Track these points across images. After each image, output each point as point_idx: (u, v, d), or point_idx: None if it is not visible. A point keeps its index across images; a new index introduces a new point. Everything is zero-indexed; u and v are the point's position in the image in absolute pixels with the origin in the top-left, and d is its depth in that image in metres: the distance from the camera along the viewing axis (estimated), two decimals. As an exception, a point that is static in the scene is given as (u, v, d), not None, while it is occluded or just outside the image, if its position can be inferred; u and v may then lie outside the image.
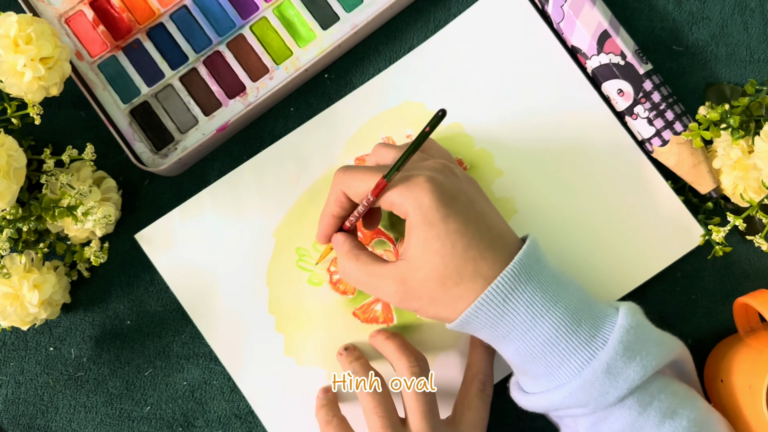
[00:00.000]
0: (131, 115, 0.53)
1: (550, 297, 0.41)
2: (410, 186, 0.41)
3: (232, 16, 0.53)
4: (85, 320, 0.53)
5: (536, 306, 0.41)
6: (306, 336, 0.52)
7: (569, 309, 0.41)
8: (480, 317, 0.41)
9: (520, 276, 0.40)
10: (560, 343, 0.41)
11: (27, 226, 0.48)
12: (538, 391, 0.43)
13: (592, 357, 0.41)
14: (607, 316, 0.42)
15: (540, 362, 0.42)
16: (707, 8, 0.54)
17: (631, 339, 0.41)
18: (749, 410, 0.46)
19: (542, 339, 0.41)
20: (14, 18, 0.46)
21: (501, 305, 0.40)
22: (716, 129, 0.49)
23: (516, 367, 0.45)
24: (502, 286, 0.40)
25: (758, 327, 0.51)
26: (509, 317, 0.41)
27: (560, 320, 0.41)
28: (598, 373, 0.40)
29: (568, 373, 0.41)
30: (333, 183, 0.44)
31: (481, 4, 0.53)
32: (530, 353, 0.42)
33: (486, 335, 0.43)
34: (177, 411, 0.53)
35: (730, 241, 0.53)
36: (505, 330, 0.41)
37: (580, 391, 0.41)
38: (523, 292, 0.40)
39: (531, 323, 0.41)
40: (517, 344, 0.42)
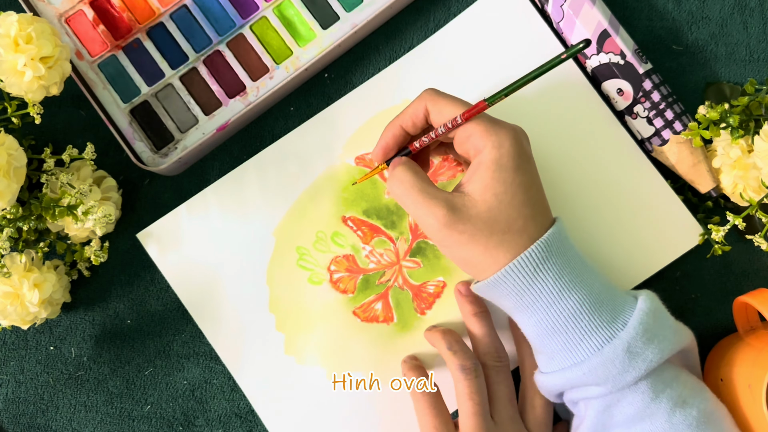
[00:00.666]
0: (131, 115, 0.53)
1: (576, 275, 0.42)
2: (496, 127, 0.42)
3: (232, 15, 0.53)
4: (85, 319, 0.53)
5: (564, 280, 0.42)
6: (306, 335, 0.52)
7: (593, 289, 0.42)
8: (509, 282, 0.42)
9: (552, 248, 0.42)
10: (582, 320, 0.42)
11: (27, 226, 0.48)
12: (554, 369, 0.43)
13: (613, 336, 0.41)
14: (627, 302, 0.43)
15: (560, 337, 0.42)
16: (707, 8, 0.54)
17: (651, 322, 0.42)
18: (749, 409, 0.46)
19: (566, 314, 0.42)
20: (14, 17, 0.46)
21: (532, 273, 0.41)
22: (716, 128, 0.49)
23: (534, 344, 0.45)
24: (537, 254, 0.41)
25: (758, 326, 0.51)
26: (537, 287, 0.42)
27: (585, 298, 0.42)
28: (619, 351, 0.41)
29: (588, 350, 0.42)
30: (418, 98, 0.44)
31: (481, 3, 0.53)
32: (551, 327, 0.42)
33: (510, 302, 0.43)
34: (177, 410, 0.53)
35: (729, 240, 0.53)
36: (531, 299, 0.42)
37: (600, 368, 0.41)
38: (554, 264, 0.42)
39: (558, 296, 0.42)
40: (540, 316, 0.42)
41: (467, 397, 0.45)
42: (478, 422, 0.45)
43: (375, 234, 0.52)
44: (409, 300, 0.52)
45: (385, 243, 0.52)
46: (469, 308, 0.49)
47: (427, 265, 0.52)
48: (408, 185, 0.43)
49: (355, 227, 0.53)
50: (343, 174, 0.53)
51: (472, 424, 0.45)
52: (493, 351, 0.47)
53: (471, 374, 0.45)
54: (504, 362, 0.47)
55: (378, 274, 0.52)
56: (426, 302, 0.52)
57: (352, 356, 0.51)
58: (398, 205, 0.52)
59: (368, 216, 0.53)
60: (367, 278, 0.52)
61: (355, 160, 0.53)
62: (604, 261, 0.51)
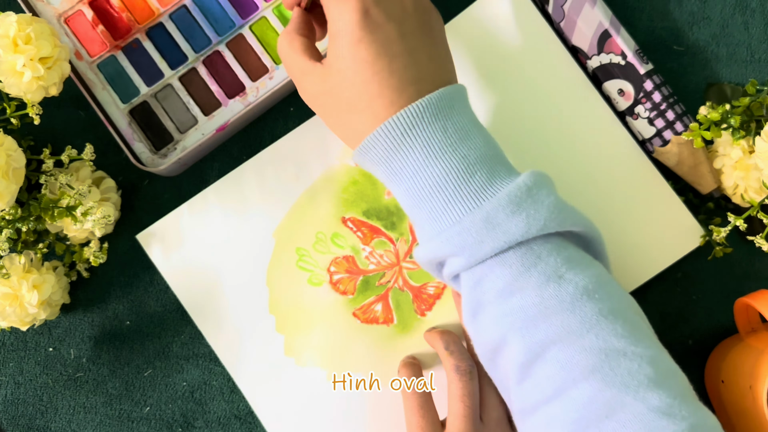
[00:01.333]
0: (130, 115, 0.53)
1: (450, 143, 0.40)
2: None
3: (232, 15, 0.53)
4: (84, 321, 0.53)
5: (432, 148, 0.40)
6: (306, 336, 0.52)
7: (467, 158, 0.40)
8: (376, 147, 0.41)
9: (423, 115, 0.40)
10: (447, 189, 0.40)
11: (26, 227, 0.48)
12: (423, 240, 0.42)
13: (476, 206, 0.39)
14: (508, 175, 0.41)
15: (425, 206, 0.40)
16: (708, 8, 0.54)
17: (522, 196, 0.39)
18: (750, 411, 0.46)
19: (431, 182, 0.40)
20: (13, 18, 0.46)
21: (398, 139, 0.40)
22: (717, 129, 0.49)
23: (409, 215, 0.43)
24: (401, 120, 0.40)
25: (759, 327, 0.51)
26: (404, 153, 0.40)
27: (453, 166, 0.40)
28: (477, 220, 0.39)
29: (450, 219, 0.40)
30: None
31: (481, 3, 0.53)
32: (418, 196, 0.41)
33: (381, 171, 0.42)
34: (177, 411, 0.52)
35: (730, 241, 0.53)
36: (398, 166, 0.41)
37: (456, 237, 0.39)
38: (424, 130, 0.40)
39: (423, 163, 0.40)
40: (408, 184, 0.41)
41: (459, 399, 0.45)
42: (467, 425, 0.44)
43: (375, 235, 0.52)
44: (409, 301, 0.52)
45: (385, 244, 0.52)
46: None
47: (428, 266, 0.52)
48: (283, 57, 0.44)
49: (355, 228, 0.52)
50: (343, 175, 0.53)
51: (460, 425, 0.45)
52: None
53: (466, 376, 0.45)
54: None
55: (378, 276, 0.52)
56: (426, 303, 0.52)
57: (352, 357, 0.51)
58: (398, 206, 0.52)
59: (368, 217, 0.52)
60: (367, 279, 0.52)
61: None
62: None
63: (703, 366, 0.52)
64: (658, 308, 0.52)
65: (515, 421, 0.42)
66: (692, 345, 0.52)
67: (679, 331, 0.52)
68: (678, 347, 0.52)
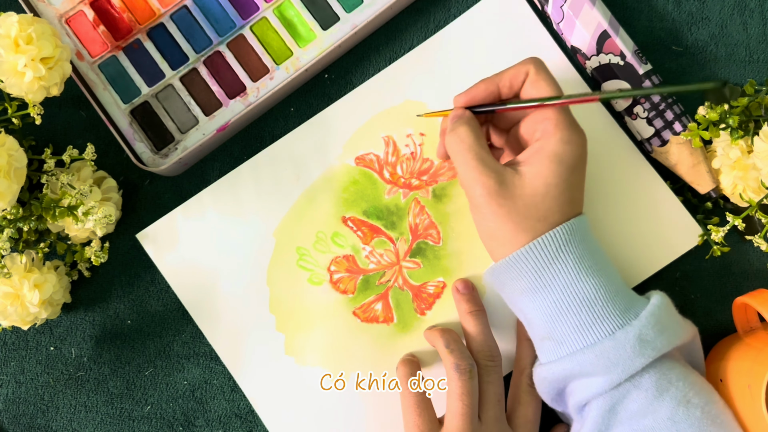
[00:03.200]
0: (132, 115, 0.53)
1: (596, 262, 0.43)
2: (573, 124, 0.43)
3: (233, 16, 0.54)
4: (85, 320, 0.53)
5: (584, 265, 0.43)
6: (306, 335, 0.52)
7: (610, 279, 0.43)
8: (531, 258, 0.42)
9: (575, 235, 0.43)
10: (597, 305, 0.42)
11: (28, 226, 0.48)
12: (563, 354, 0.43)
13: (626, 323, 0.42)
14: (640, 300, 0.44)
15: (573, 319, 0.43)
16: (706, 8, 0.55)
17: (662, 315, 0.43)
18: (748, 410, 0.46)
19: (582, 296, 0.42)
20: (15, 18, 0.46)
21: (553, 253, 0.42)
22: (715, 129, 0.49)
23: (540, 333, 0.45)
24: (558, 237, 0.42)
25: (757, 327, 0.51)
26: (557, 266, 0.43)
27: (602, 284, 0.43)
28: (630, 337, 0.42)
29: (600, 333, 0.42)
30: (523, 62, 0.45)
31: (481, 6, 0.53)
32: (566, 308, 0.43)
33: (527, 281, 0.43)
34: (177, 410, 0.53)
35: (729, 240, 0.53)
36: (550, 277, 0.43)
37: (611, 351, 0.42)
38: (576, 249, 0.43)
39: (575, 278, 0.42)
40: (557, 296, 0.43)
41: (457, 397, 0.45)
42: (465, 423, 0.45)
43: (375, 234, 0.53)
44: (409, 300, 0.52)
45: (385, 243, 0.52)
46: (465, 306, 0.49)
47: (427, 266, 0.52)
48: (466, 146, 0.44)
49: (355, 227, 0.53)
50: (343, 174, 0.53)
51: (458, 423, 0.45)
52: (487, 350, 0.48)
53: (465, 374, 0.46)
54: (497, 362, 0.48)
55: (378, 275, 0.52)
56: (426, 303, 0.52)
57: (352, 356, 0.52)
58: (398, 205, 0.52)
59: (368, 216, 0.53)
60: (367, 279, 0.52)
61: (355, 160, 0.53)
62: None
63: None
64: (657, 307, 0.53)
65: None
66: (691, 344, 0.53)
67: (677, 330, 0.53)
68: (677, 346, 0.52)
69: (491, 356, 0.47)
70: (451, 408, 0.45)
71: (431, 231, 0.52)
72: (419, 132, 0.53)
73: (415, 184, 0.53)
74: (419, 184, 0.53)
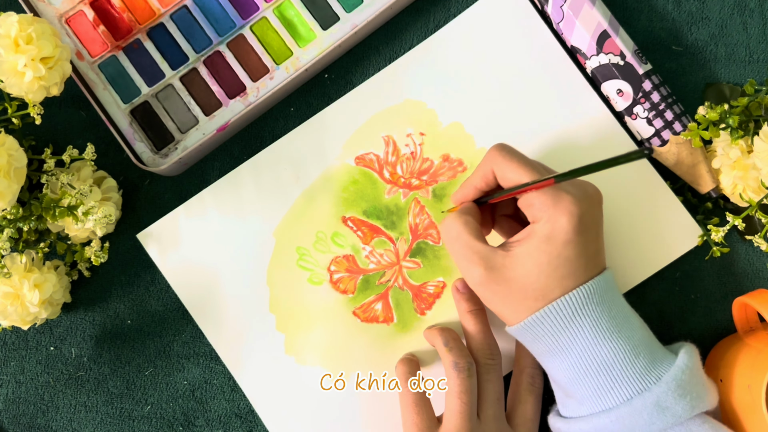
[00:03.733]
0: (131, 115, 0.53)
1: (615, 324, 0.42)
2: (556, 200, 0.42)
3: (233, 16, 0.54)
4: (85, 320, 0.53)
5: (601, 327, 0.42)
6: (306, 335, 0.52)
7: (631, 340, 0.42)
8: (546, 324, 0.42)
9: (593, 296, 0.42)
10: (615, 368, 0.42)
11: (27, 226, 0.48)
12: (582, 414, 0.43)
13: (645, 389, 0.42)
14: (666, 357, 0.43)
15: (591, 382, 0.42)
16: (706, 8, 0.55)
17: (685, 379, 0.42)
18: (748, 410, 0.46)
19: (600, 359, 0.42)
20: (15, 18, 0.46)
21: (569, 317, 0.42)
22: (715, 129, 0.49)
23: (563, 388, 0.45)
24: (573, 301, 0.42)
25: (757, 327, 0.51)
26: (573, 330, 0.42)
27: (620, 347, 0.42)
28: (648, 404, 0.41)
29: (618, 398, 0.42)
30: (485, 158, 0.45)
31: (481, 4, 0.53)
32: (584, 371, 0.42)
33: (544, 344, 0.43)
34: (177, 410, 0.53)
35: (729, 240, 0.53)
36: (566, 342, 0.42)
37: (627, 418, 0.41)
38: (593, 311, 0.42)
39: (593, 341, 0.42)
40: (574, 359, 0.43)
41: (456, 396, 0.45)
42: (463, 421, 0.45)
43: (375, 234, 0.53)
44: (409, 300, 0.52)
45: (385, 243, 0.52)
46: (465, 305, 0.49)
47: (427, 266, 0.52)
48: (453, 236, 0.44)
49: (355, 227, 0.53)
50: (343, 174, 0.53)
51: (456, 422, 0.45)
52: (486, 348, 0.48)
53: (464, 372, 0.46)
54: (496, 360, 0.48)
55: (378, 275, 0.52)
56: (426, 302, 0.52)
57: (352, 356, 0.52)
58: (398, 205, 0.52)
59: (368, 216, 0.53)
60: (367, 278, 0.52)
61: (355, 160, 0.53)
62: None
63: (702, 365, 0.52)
64: (657, 307, 0.52)
65: None
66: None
67: (677, 330, 0.53)
68: (677, 346, 0.52)
69: (491, 355, 0.47)
70: (450, 406, 0.45)
71: (431, 231, 0.52)
72: (419, 131, 0.53)
73: (415, 184, 0.53)
74: (419, 183, 0.53)
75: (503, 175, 0.44)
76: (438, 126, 0.53)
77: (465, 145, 0.53)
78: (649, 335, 0.44)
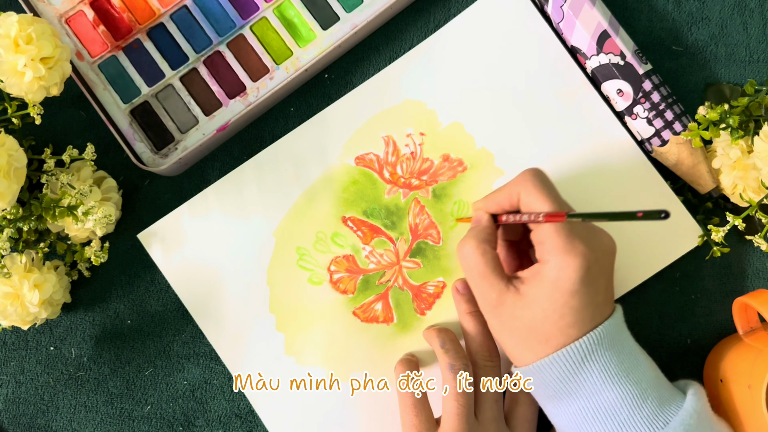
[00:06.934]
0: (131, 115, 0.53)
1: (624, 368, 0.42)
2: (568, 246, 0.41)
3: (233, 16, 0.54)
4: (85, 320, 0.53)
5: (610, 372, 0.42)
6: (306, 335, 0.52)
7: (640, 383, 0.42)
8: (554, 369, 0.42)
9: (602, 342, 0.42)
10: (623, 413, 0.42)
11: (27, 226, 0.48)
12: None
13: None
14: (674, 398, 0.43)
15: (597, 427, 0.42)
16: (707, 8, 0.55)
17: (694, 424, 0.41)
18: (749, 410, 0.46)
19: (608, 404, 0.42)
20: (15, 18, 0.46)
21: (578, 363, 0.42)
22: (716, 129, 0.49)
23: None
24: (583, 347, 0.41)
25: (758, 327, 0.51)
26: (582, 376, 0.42)
27: (628, 392, 0.42)
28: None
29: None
30: (517, 180, 0.44)
31: (482, 3, 0.53)
32: (591, 416, 0.42)
33: (552, 389, 0.43)
34: (177, 410, 0.53)
35: (729, 240, 0.53)
36: (574, 387, 0.42)
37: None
38: (602, 356, 0.42)
39: (601, 387, 0.42)
40: (582, 403, 0.42)
41: (453, 398, 0.45)
42: (460, 423, 0.45)
43: (375, 234, 0.53)
44: (409, 300, 0.52)
45: (385, 243, 0.52)
46: (464, 306, 0.49)
47: (427, 266, 0.52)
48: (471, 264, 0.44)
49: (355, 227, 0.53)
50: (343, 174, 0.53)
51: (454, 424, 0.45)
52: (485, 350, 0.48)
53: (460, 375, 0.46)
54: (495, 362, 0.48)
55: (378, 275, 0.52)
56: (426, 303, 0.52)
57: (352, 356, 0.52)
58: (398, 205, 0.52)
59: (368, 216, 0.53)
60: (367, 278, 0.52)
61: (355, 160, 0.53)
62: (604, 261, 0.51)
63: (702, 365, 0.52)
64: (657, 308, 0.52)
65: None
66: (691, 344, 0.52)
67: (677, 330, 0.53)
68: (677, 347, 0.52)
69: (490, 357, 0.47)
70: (447, 408, 0.45)
71: (431, 231, 0.52)
72: (419, 132, 0.53)
73: (415, 184, 0.53)
74: (419, 183, 0.53)
75: (527, 202, 0.43)
76: (438, 126, 0.53)
77: (465, 145, 0.53)
78: (657, 375, 0.44)
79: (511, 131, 0.53)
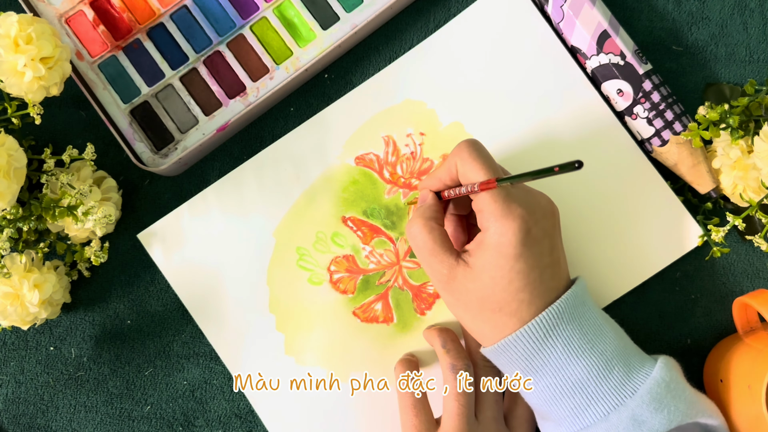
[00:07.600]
0: (131, 115, 0.53)
1: (588, 340, 0.42)
2: (505, 211, 0.41)
3: (233, 16, 0.53)
4: (85, 320, 0.53)
5: (573, 346, 0.42)
6: (306, 335, 0.52)
7: (605, 354, 0.42)
8: (517, 347, 0.42)
9: (563, 316, 0.42)
10: (590, 386, 0.41)
11: (27, 226, 0.48)
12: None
13: (620, 403, 0.41)
14: (642, 367, 0.43)
15: (567, 402, 0.42)
16: (707, 8, 0.54)
17: (662, 392, 0.41)
18: (748, 410, 0.46)
19: (573, 379, 0.42)
20: (14, 18, 0.46)
21: (540, 340, 0.42)
22: (716, 129, 0.49)
23: (539, 412, 0.45)
24: (543, 322, 0.41)
25: (758, 327, 0.51)
26: (545, 352, 0.42)
27: (594, 363, 0.42)
28: (623, 418, 0.41)
29: (594, 416, 0.42)
30: (453, 152, 0.44)
31: (482, 3, 0.53)
32: (559, 392, 0.42)
33: (518, 367, 0.43)
34: (177, 410, 0.53)
35: (729, 240, 0.53)
36: (539, 364, 0.42)
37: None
38: (564, 330, 0.42)
39: (566, 361, 0.42)
40: (548, 380, 0.42)
41: (453, 398, 0.45)
42: (461, 423, 0.45)
43: (375, 234, 0.53)
44: (409, 300, 0.52)
45: (385, 243, 0.52)
46: None
47: (427, 266, 0.52)
48: (419, 243, 0.44)
49: (355, 227, 0.53)
50: (343, 174, 0.53)
51: (454, 424, 0.45)
52: None
53: (461, 375, 0.46)
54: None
55: (378, 275, 0.52)
56: (426, 303, 0.52)
57: (352, 356, 0.52)
58: (398, 205, 0.52)
59: (368, 216, 0.53)
60: (367, 278, 0.52)
61: (355, 160, 0.53)
62: (604, 262, 0.51)
63: (702, 365, 0.52)
64: (657, 308, 0.52)
65: None
66: (691, 344, 0.52)
67: (677, 330, 0.53)
68: (677, 347, 0.52)
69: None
70: (447, 408, 0.45)
71: (431, 231, 0.52)
72: (419, 131, 0.53)
73: (415, 184, 0.53)
74: (419, 183, 0.53)
75: (464, 172, 0.43)
76: (438, 126, 0.53)
77: (465, 145, 0.53)
78: (623, 344, 0.43)
79: (511, 131, 0.53)
